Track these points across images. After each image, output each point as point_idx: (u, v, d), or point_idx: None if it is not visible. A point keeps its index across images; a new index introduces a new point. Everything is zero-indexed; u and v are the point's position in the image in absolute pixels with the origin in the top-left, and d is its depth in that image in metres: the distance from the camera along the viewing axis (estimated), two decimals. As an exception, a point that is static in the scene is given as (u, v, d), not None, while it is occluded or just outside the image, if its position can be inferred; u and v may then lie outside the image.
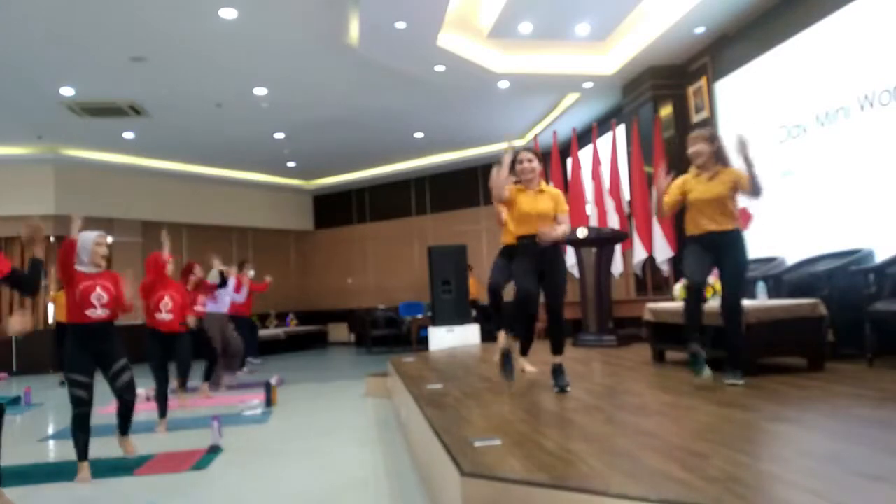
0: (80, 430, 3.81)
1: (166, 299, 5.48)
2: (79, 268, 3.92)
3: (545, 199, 4.04)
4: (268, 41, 6.94)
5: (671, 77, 7.73)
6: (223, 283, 7.37)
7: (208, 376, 6.99)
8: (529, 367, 4.68)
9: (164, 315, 5.47)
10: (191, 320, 5.96)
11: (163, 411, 5.22)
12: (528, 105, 9.56)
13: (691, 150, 4.03)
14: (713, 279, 4.21)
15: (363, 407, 5.99)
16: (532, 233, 3.97)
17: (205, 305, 7.10)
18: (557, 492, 2.10)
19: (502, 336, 4.56)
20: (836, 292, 4.72)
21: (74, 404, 3.81)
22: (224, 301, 7.60)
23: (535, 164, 4.08)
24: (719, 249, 3.89)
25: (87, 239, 3.98)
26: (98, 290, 3.88)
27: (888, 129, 4.93)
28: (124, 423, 4.19)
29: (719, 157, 3.97)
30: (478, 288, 11.22)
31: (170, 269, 5.60)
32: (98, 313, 3.88)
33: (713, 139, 4.01)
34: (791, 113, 6.00)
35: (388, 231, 13.98)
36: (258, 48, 7.10)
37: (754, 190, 3.81)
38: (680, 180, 4.10)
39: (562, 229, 3.98)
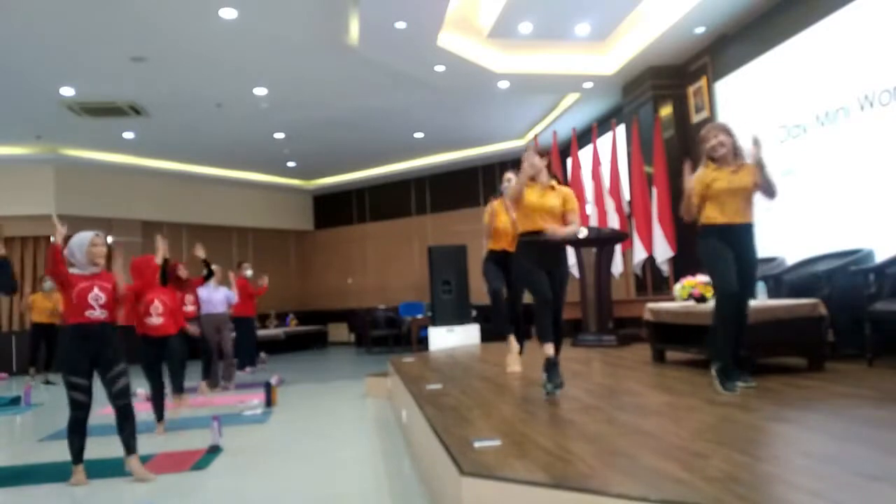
0: (76, 433, 3.74)
1: (156, 303, 5.34)
2: (73, 270, 3.83)
3: (553, 196, 4.01)
4: (268, 41, 6.94)
5: (671, 77, 7.73)
6: (209, 274, 7.26)
7: (206, 374, 6.98)
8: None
9: (155, 319, 5.33)
10: (192, 328, 5.94)
11: (160, 415, 5.16)
12: (528, 105, 9.56)
13: (713, 141, 3.80)
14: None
15: (363, 407, 5.99)
16: (538, 229, 3.90)
17: (196, 305, 7.06)
18: (557, 492, 2.10)
19: (513, 341, 4.88)
20: (836, 292, 4.71)
21: (72, 407, 3.73)
22: (214, 301, 7.54)
23: (536, 160, 4.01)
24: (741, 244, 3.72)
25: (83, 240, 3.88)
26: (96, 290, 3.79)
27: (888, 129, 4.93)
28: (127, 437, 3.83)
29: (738, 152, 3.80)
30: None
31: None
32: (97, 314, 3.78)
33: (731, 132, 3.84)
34: (791, 113, 5.99)
35: (388, 231, 13.97)
36: (258, 48, 7.10)
37: (769, 191, 3.71)
38: (700, 173, 3.87)
39: (570, 229, 3.94)
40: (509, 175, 4.94)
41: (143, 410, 5.66)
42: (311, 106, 9.14)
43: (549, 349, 3.82)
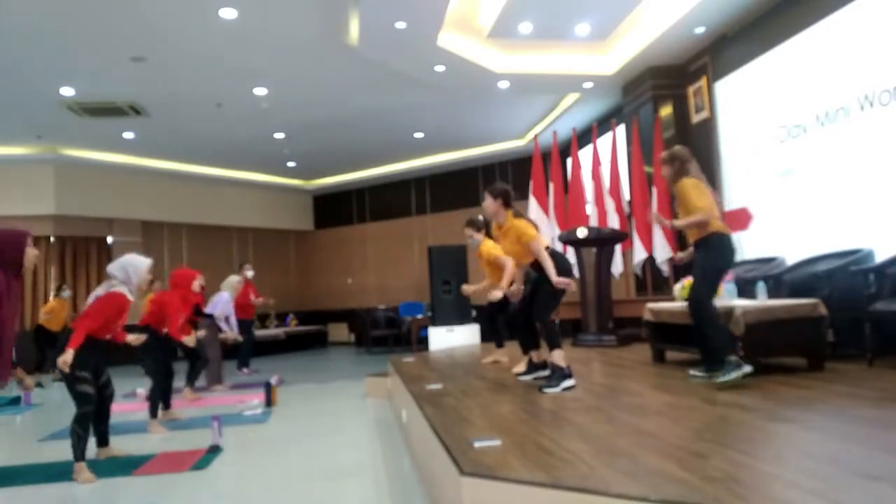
0: (86, 428, 3.86)
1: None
2: (122, 289, 4.01)
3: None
4: (268, 41, 6.94)
5: (671, 77, 7.73)
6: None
7: (192, 380, 6.93)
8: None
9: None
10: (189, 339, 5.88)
11: (155, 412, 5.31)
12: (528, 105, 9.56)
13: None
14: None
15: (363, 407, 5.99)
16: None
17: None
18: (557, 492, 2.10)
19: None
20: (836, 292, 4.71)
21: (83, 401, 3.84)
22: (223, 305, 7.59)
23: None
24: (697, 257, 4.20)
25: (139, 265, 4.10)
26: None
27: (888, 129, 4.93)
28: (107, 428, 4.25)
29: (679, 173, 4.17)
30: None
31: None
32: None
33: (672, 160, 4.18)
34: (791, 113, 6.00)
35: (388, 231, 13.98)
36: (258, 48, 7.10)
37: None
38: None
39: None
40: (469, 233, 5.54)
41: (142, 410, 5.67)
42: (311, 106, 9.14)
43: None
